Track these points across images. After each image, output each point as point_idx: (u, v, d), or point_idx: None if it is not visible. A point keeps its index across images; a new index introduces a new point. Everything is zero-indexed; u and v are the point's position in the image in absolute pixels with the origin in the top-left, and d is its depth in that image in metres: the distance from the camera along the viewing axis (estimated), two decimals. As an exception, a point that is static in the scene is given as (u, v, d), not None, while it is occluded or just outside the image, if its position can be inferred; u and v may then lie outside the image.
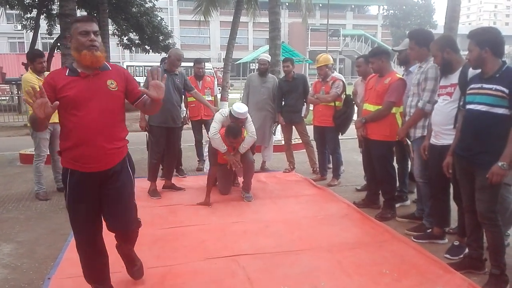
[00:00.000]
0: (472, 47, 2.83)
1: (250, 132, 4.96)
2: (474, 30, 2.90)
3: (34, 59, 4.97)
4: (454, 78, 3.28)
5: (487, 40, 2.78)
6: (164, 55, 15.23)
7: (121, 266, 3.17)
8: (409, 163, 4.50)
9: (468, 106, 2.90)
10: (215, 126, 4.88)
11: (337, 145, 5.80)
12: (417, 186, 4.12)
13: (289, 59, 6.36)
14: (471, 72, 3.05)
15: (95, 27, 2.47)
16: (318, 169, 6.18)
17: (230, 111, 4.92)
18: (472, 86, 2.91)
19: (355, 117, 5.34)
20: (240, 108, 4.87)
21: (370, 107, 4.36)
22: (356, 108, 5.57)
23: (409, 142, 4.05)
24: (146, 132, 5.34)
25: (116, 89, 2.50)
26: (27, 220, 4.32)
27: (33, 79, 4.84)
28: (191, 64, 6.73)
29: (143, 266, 3.00)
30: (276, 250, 3.51)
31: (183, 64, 5.54)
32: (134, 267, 2.94)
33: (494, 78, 2.75)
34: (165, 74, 2.39)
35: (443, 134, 3.35)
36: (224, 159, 4.93)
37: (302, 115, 6.25)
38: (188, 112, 6.32)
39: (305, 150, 6.47)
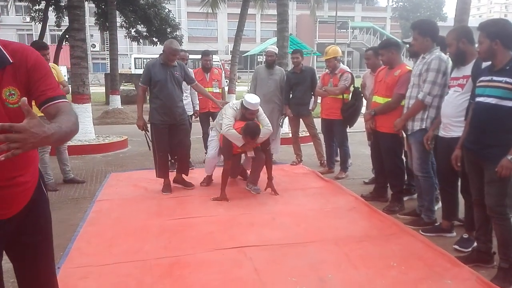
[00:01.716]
0: (482, 39, 2.79)
1: (266, 125, 4.84)
2: (484, 22, 2.86)
3: (38, 51, 4.95)
4: (467, 70, 3.24)
5: (497, 32, 2.74)
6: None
7: (129, 256, 3.21)
8: (409, 157, 4.42)
9: (478, 99, 2.86)
10: (227, 122, 4.68)
11: (345, 138, 5.78)
12: (417, 180, 4.09)
13: (298, 51, 6.33)
14: (485, 64, 3.01)
15: None
16: (325, 162, 6.16)
17: (242, 102, 4.83)
18: (482, 78, 2.87)
19: (363, 110, 5.30)
20: (253, 99, 4.77)
21: (379, 100, 4.33)
22: (364, 101, 5.54)
23: (405, 135, 4.00)
24: (144, 132, 4.97)
25: (18, 104, 1.37)
26: (37, 211, 4.35)
27: None
28: (199, 56, 6.71)
29: None
30: (283, 242, 3.52)
31: (190, 56, 5.50)
32: None
33: (504, 70, 2.71)
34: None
35: (453, 126, 3.31)
36: (238, 150, 4.87)
37: (310, 108, 6.23)
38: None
39: (312, 143, 6.46)
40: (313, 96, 6.21)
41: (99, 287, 2.79)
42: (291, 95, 6.25)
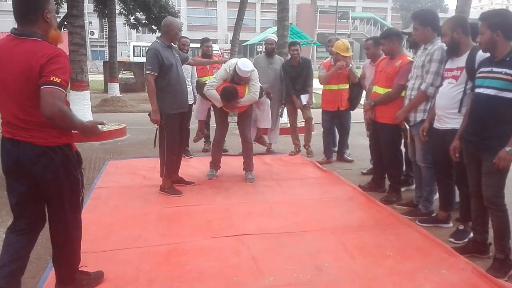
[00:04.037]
0: (483, 30, 2.77)
1: (254, 91, 4.74)
2: (486, 13, 2.84)
3: None
4: (461, 61, 3.23)
5: (499, 23, 2.72)
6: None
7: (127, 243, 3.22)
8: (409, 148, 4.41)
9: (477, 90, 2.86)
10: (211, 83, 4.66)
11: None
12: (416, 171, 4.09)
13: (297, 43, 6.30)
14: (479, 56, 3.00)
15: None
16: (310, 148, 6.33)
17: (235, 66, 4.66)
18: (482, 69, 2.86)
19: (362, 101, 5.30)
20: (246, 66, 4.61)
21: (379, 90, 4.31)
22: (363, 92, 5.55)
23: (407, 127, 4.00)
24: (156, 127, 4.43)
25: None
26: (35, 197, 4.35)
27: None
28: (198, 45, 6.64)
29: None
30: (281, 231, 3.53)
31: (190, 45, 5.42)
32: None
33: (505, 61, 2.70)
34: None
35: (447, 118, 3.31)
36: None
37: (305, 103, 6.13)
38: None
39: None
40: (308, 88, 6.16)
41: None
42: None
